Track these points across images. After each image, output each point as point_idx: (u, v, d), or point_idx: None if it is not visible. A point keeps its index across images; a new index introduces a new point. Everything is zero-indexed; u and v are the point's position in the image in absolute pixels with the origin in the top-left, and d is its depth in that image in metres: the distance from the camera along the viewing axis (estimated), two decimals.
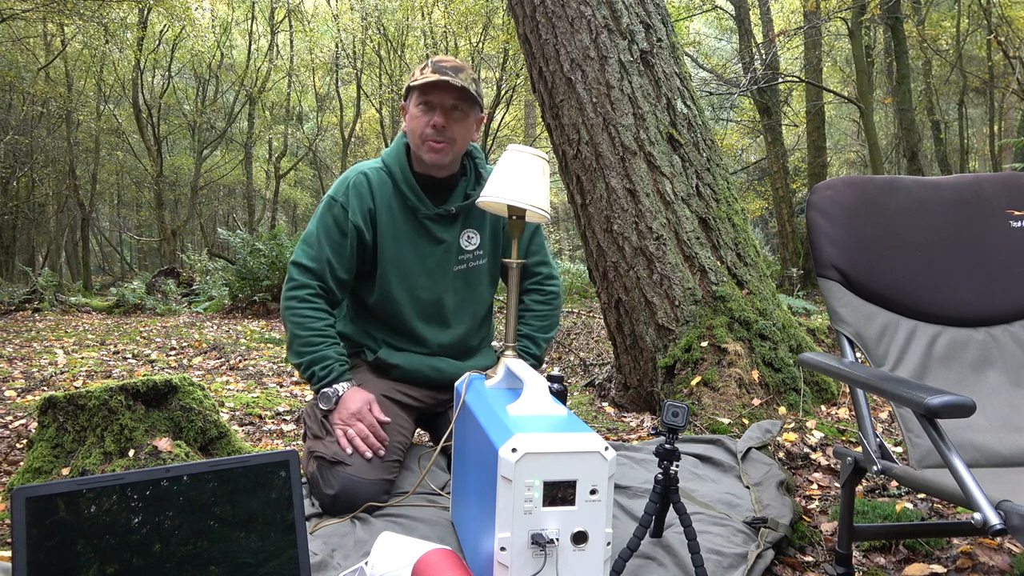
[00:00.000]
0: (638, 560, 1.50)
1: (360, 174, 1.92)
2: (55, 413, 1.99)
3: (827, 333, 3.66)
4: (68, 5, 11.18)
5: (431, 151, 1.84)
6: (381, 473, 1.77)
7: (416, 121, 1.85)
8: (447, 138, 1.83)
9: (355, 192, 1.89)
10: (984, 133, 14.61)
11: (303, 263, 1.87)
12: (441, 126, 1.82)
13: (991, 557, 1.62)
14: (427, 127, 1.83)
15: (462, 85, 1.79)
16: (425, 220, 1.91)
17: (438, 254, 1.94)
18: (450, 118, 1.83)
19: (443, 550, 1.30)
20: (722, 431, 2.47)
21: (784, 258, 10.78)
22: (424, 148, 1.85)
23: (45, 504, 1.06)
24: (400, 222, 1.91)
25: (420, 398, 2.00)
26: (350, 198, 1.88)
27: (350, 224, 1.87)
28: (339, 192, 1.90)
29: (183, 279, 11.53)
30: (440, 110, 1.82)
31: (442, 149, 1.84)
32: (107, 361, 5.05)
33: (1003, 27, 10.14)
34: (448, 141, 1.84)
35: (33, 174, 16.29)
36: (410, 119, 1.88)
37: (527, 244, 2.04)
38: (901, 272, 1.58)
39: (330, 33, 16.73)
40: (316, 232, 1.89)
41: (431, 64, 1.84)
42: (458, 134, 1.85)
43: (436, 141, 1.83)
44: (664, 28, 3.13)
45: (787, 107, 12.75)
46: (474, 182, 1.96)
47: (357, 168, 1.96)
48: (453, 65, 1.83)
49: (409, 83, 1.87)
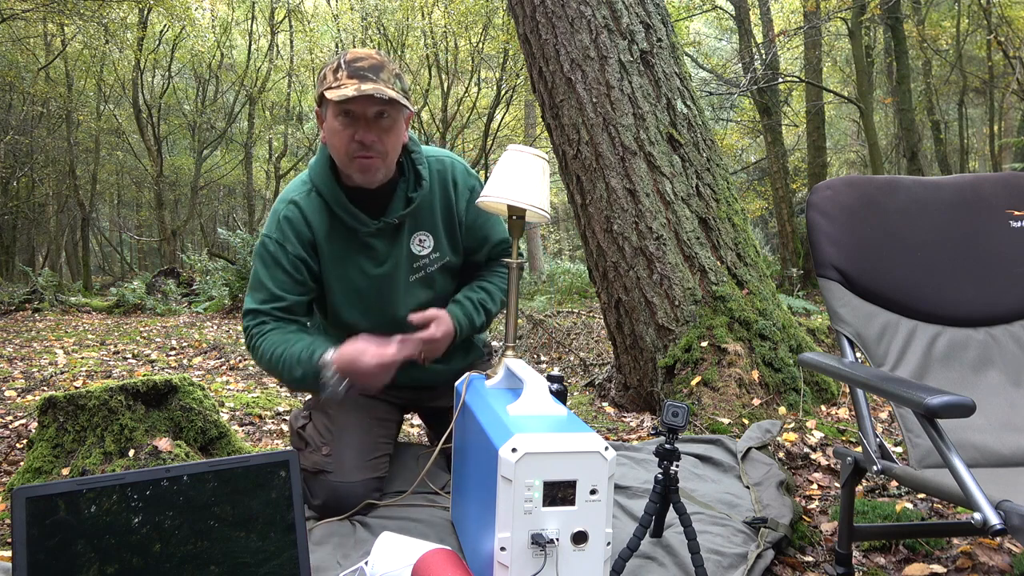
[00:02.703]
0: (638, 560, 1.50)
1: (289, 205, 1.72)
2: (55, 413, 1.99)
3: (827, 333, 3.66)
4: (68, 5, 11.18)
5: (361, 169, 1.62)
6: (365, 473, 1.76)
7: (338, 136, 1.61)
8: (377, 152, 1.61)
9: (289, 226, 1.70)
10: (984, 133, 14.61)
11: (252, 308, 1.72)
12: (370, 141, 1.59)
13: (991, 557, 1.62)
14: (351, 142, 1.59)
15: (388, 97, 1.54)
16: (367, 238, 1.73)
17: (387, 270, 1.77)
18: (377, 128, 1.59)
19: (443, 550, 1.30)
20: (722, 431, 2.47)
21: (784, 258, 10.78)
22: (352, 166, 1.63)
23: (45, 504, 1.06)
24: (341, 246, 1.73)
25: (401, 395, 1.95)
26: (285, 233, 1.70)
27: (291, 257, 1.70)
28: (272, 230, 1.72)
29: (183, 279, 11.53)
30: (364, 122, 1.58)
31: (372, 165, 1.62)
32: (107, 361, 5.05)
33: (1003, 27, 10.13)
34: (378, 155, 1.62)
35: (33, 174, 16.30)
36: (330, 133, 1.63)
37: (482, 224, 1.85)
38: (901, 272, 1.58)
39: (330, 33, 16.73)
40: (259, 275, 1.72)
41: (345, 67, 1.58)
42: (389, 144, 1.63)
43: (365, 157, 1.60)
44: (664, 28, 3.13)
45: (787, 107, 12.75)
46: (414, 182, 1.75)
47: (285, 196, 1.75)
48: (372, 63, 1.58)
49: (322, 90, 1.60)
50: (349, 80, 1.55)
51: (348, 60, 1.58)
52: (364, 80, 1.55)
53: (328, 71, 1.61)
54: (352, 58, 1.59)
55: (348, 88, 1.53)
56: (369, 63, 1.58)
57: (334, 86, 1.56)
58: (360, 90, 1.52)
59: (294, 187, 1.76)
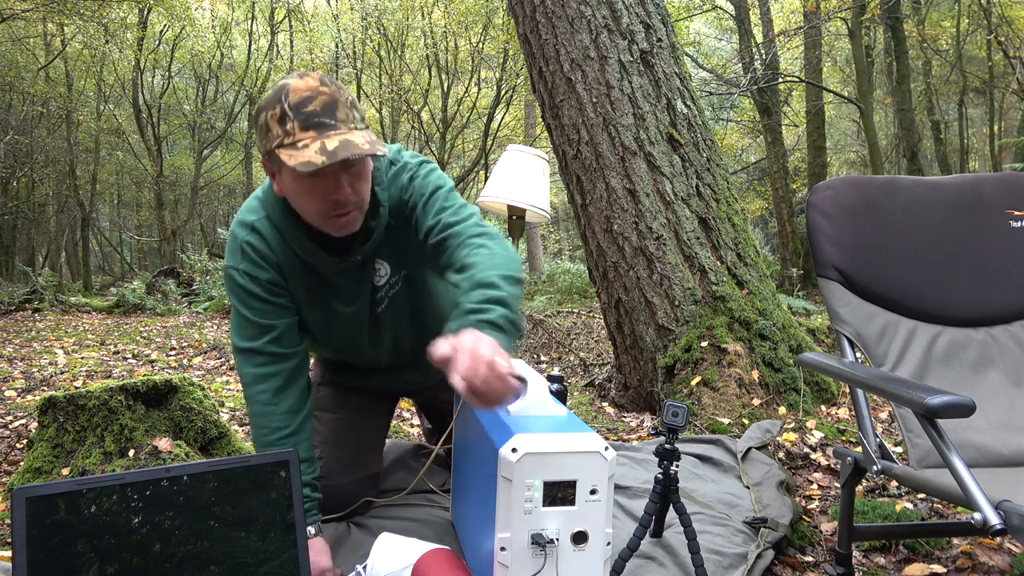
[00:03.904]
0: (638, 560, 1.50)
1: (250, 232, 1.51)
2: (55, 413, 1.99)
3: (827, 333, 3.66)
4: (68, 5, 11.18)
5: (339, 227, 1.42)
6: (358, 472, 1.75)
7: (305, 199, 1.39)
8: (353, 204, 1.40)
9: (253, 251, 1.51)
10: (984, 133, 14.61)
11: (243, 347, 1.54)
12: (345, 198, 1.37)
13: (991, 557, 1.62)
14: (324, 203, 1.37)
15: (357, 154, 1.29)
16: (331, 277, 1.55)
17: (353, 310, 1.61)
18: (349, 178, 1.37)
19: (443, 550, 1.30)
20: (722, 431, 2.47)
21: (784, 258, 10.78)
22: (328, 225, 1.42)
23: (45, 504, 1.06)
24: (305, 285, 1.55)
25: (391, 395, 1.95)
26: (251, 260, 1.51)
27: (263, 283, 1.52)
28: (236, 260, 1.52)
29: (183, 279, 11.52)
30: (334, 180, 1.34)
31: (350, 220, 1.42)
32: (107, 361, 5.05)
33: (1003, 27, 10.13)
34: (355, 207, 1.41)
35: (33, 174, 16.30)
36: (292, 194, 1.40)
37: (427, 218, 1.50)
38: (901, 272, 1.58)
39: (330, 33, 16.72)
40: (238, 311, 1.55)
41: (293, 114, 1.29)
42: (364, 191, 1.42)
43: (341, 214, 1.40)
44: (664, 28, 3.13)
45: (787, 107, 12.76)
46: (375, 210, 1.51)
47: (243, 220, 1.53)
48: (323, 102, 1.31)
49: (270, 147, 1.34)
50: (304, 133, 1.29)
51: (294, 104, 1.30)
52: (322, 130, 1.30)
53: (270, 119, 1.32)
54: (297, 100, 1.30)
55: (309, 150, 1.27)
56: (320, 102, 1.30)
57: (287, 144, 1.30)
58: (328, 153, 1.27)
59: (249, 211, 1.54)
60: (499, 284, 1.28)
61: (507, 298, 1.27)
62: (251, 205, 1.55)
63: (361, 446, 1.78)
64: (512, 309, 1.27)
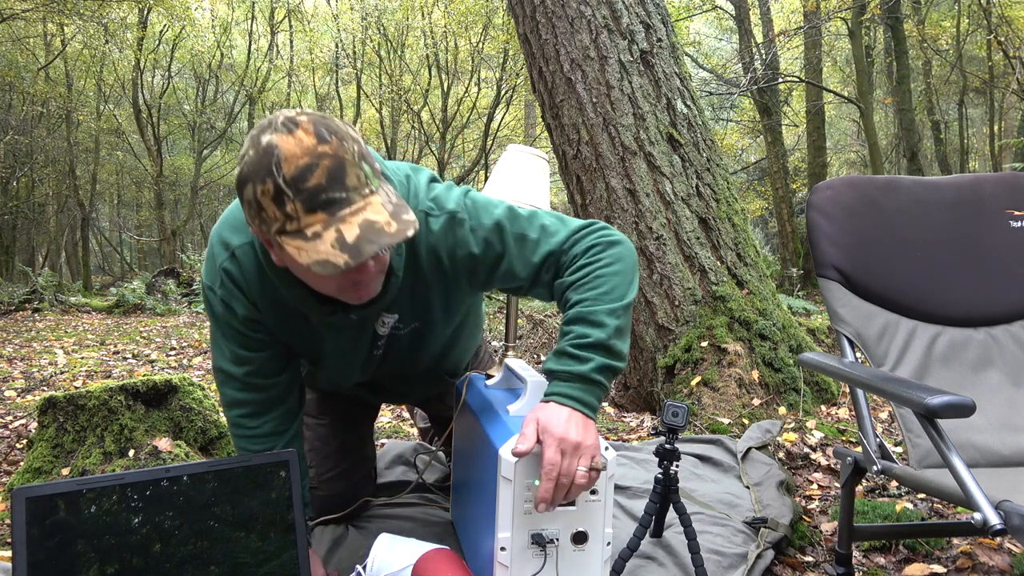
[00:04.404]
0: (638, 560, 1.50)
1: (230, 259, 1.29)
2: (55, 413, 1.99)
3: (827, 333, 3.66)
4: (68, 5, 11.18)
5: (357, 300, 1.21)
6: (350, 478, 1.73)
7: (319, 282, 1.16)
8: (373, 279, 1.19)
9: (230, 281, 1.30)
10: (984, 133, 14.61)
11: (221, 367, 1.39)
12: (367, 279, 1.16)
13: (991, 557, 1.62)
14: (343, 281, 1.15)
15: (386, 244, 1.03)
16: (321, 326, 1.35)
17: (345, 354, 1.44)
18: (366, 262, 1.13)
19: (443, 550, 1.30)
20: (722, 431, 2.47)
21: (784, 258, 10.79)
22: (346, 296, 1.20)
23: (45, 504, 1.06)
24: (289, 327, 1.35)
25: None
26: (228, 289, 1.30)
27: (240, 318, 1.32)
28: (213, 280, 1.32)
29: (183, 279, 11.52)
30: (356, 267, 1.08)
31: (369, 292, 1.20)
32: (107, 361, 5.05)
33: (1003, 27, 10.13)
34: (375, 280, 1.20)
35: (33, 174, 16.29)
36: (302, 275, 1.17)
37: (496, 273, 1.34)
38: (901, 272, 1.58)
39: (330, 33, 16.72)
40: (215, 332, 1.39)
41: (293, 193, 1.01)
42: (384, 263, 1.20)
43: (361, 291, 1.19)
44: (664, 28, 3.13)
45: (787, 107, 12.76)
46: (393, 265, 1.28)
47: (225, 239, 1.31)
48: (327, 170, 1.02)
49: (271, 233, 1.06)
50: (310, 217, 1.02)
51: (291, 179, 1.01)
52: (333, 209, 1.03)
53: (261, 196, 1.03)
54: (295, 173, 1.01)
55: (323, 242, 1.02)
56: (324, 170, 1.02)
57: (291, 231, 1.03)
58: (350, 249, 1.02)
59: (233, 226, 1.31)
60: (604, 323, 1.20)
61: (608, 340, 1.19)
62: (236, 219, 1.30)
63: (350, 452, 1.76)
64: (614, 353, 1.20)
